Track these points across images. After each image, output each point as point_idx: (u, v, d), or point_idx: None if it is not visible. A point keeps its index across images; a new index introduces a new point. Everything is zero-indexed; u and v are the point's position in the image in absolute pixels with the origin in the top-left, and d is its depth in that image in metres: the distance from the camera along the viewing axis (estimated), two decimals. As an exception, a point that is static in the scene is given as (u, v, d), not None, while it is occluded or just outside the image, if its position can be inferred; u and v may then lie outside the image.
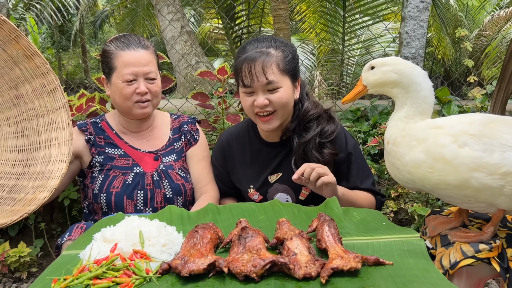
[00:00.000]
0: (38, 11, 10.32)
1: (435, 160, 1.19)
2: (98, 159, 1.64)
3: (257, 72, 1.44)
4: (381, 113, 3.23)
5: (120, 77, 1.56)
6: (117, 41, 1.60)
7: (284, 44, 1.53)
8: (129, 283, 0.98)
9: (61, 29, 11.93)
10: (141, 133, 1.73)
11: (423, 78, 1.30)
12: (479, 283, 1.30)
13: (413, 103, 1.29)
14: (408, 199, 2.69)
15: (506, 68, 2.05)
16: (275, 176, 1.64)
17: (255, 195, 1.67)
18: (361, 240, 1.19)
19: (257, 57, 1.45)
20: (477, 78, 3.23)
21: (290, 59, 1.51)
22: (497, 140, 1.14)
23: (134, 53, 1.57)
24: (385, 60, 1.34)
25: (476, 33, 7.62)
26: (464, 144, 1.16)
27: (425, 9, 2.88)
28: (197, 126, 1.83)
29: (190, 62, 5.55)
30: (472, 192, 1.17)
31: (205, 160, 1.80)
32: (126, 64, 1.56)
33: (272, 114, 1.50)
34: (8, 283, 2.46)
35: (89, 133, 1.67)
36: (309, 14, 7.37)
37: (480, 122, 1.20)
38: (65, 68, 12.29)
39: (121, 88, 1.57)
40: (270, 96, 1.47)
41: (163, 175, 1.67)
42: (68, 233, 1.55)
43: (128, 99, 1.59)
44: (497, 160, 1.12)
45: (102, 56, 1.64)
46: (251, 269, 0.97)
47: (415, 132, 1.27)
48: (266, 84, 1.45)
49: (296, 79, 1.55)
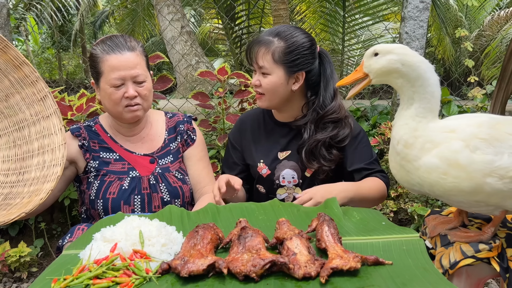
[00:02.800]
0: (38, 11, 10.32)
1: (450, 166, 1.14)
2: (93, 164, 1.61)
3: (253, 56, 1.61)
4: (381, 113, 3.23)
5: (108, 82, 1.51)
6: (103, 44, 1.54)
7: (294, 36, 1.59)
8: (129, 283, 0.99)
9: (61, 29, 11.92)
10: (135, 136, 1.69)
11: (431, 73, 1.21)
12: (479, 283, 1.30)
13: (421, 99, 1.21)
14: (408, 199, 2.69)
15: (506, 68, 2.05)
16: (284, 153, 1.71)
17: (263, 169, 1.72)
18: (360, 240, 1.19)
19: (259, 42, 1.60)
20: (477, 78, 3.24)
21: (291, 52, 1.57)
22: (506, 142, 1.12)
23: (120, 57, 1.51)
24: (391, 48, 1.22)
25: (476, 33, 7.61)
26: (475, 148, 1.12)
27: (425, 9, 2.88)
28: (193, 125, 1.79)
29: (190, 62, 5.55)
30: (483, 197, 1.15)
31: (203, 160, 1.77)
32: (113, 68, 1.50)
33: (261, 94, 1.63)
34: (8, 283, 2.46)
35: (82, 138, 1.63)
36: (309, 14, 7.37)
37: (488, 124, 1.16)
38: (65, 68, 12.28)
39: (109, 93, 1.52)
40: (262, 79, 1.60)
41: (159, 178, 1.64)
42: (69, 234, 1.54)
43: (118, 104, 1.54)
44: (507, 163, 1.10)
45: (89, 60, 1.59)
46: (251, 269, 0.97)
47: (429, 133, 1.20)
48: (260, 68, 1.59)
49: (294, 72, 1.59)
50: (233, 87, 4.04)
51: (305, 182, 1.69)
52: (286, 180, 1.70)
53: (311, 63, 1.62)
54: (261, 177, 1.72)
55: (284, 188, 1.72)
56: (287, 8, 5.21)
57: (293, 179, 1.70)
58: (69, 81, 6.54)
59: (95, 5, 11.53)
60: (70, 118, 2.30)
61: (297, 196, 1.53)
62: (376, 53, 1.24)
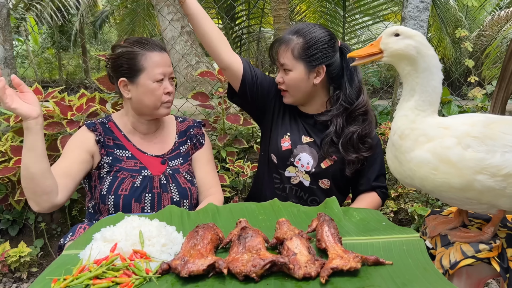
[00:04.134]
0: (38, 11, 10.33)
1: (441, 162, 1.17)
2: (106, 160, 1.63)
3: (275, 54, 1.67)
4: (381, 113, 3.23)
5: (152, 77, 1.57)
6: (139, 43, 1.59)
7: (311, 33, 1.63)
8: (129, 283, 0.98)
9: (61, 29, 11.94)
10: (149, 135, 1.72)
11: (437, 70, 1.24)
12: (479, 283, 1.30)
13: (422, 91, 1.23)
14: (408, 199, 2.69)
15: (506, 68, 2.05)
16: (308, 138, 1.73)
17: (286, 142, 1.73)
18: (360, 240, 1.19)
19: (280, 41, 1.66)
20: (478, 78, 3.24)
21: (310, 47, 1.61)
22: (499, 141, 1.13)
23: (161, 54, 1.59)
24: (413, 33, 1.23)
25: (476, 33, 7.62)
26: (467, 146, 1.14)
27: (425, 9, 2.88)
28: (202, 130, 1.84)
29: (190, 62, 5.55)
30: (474, 195, 1.16)
31: (210, 163, 1.81)
32: (157, 64, 1.57)
33: (285, 91, 1.68)
34: (8, 283, 2.46)
35: (98, 133, 1.65)
36: (309, 14, 7.37)
37: (482, 123, 1.18)
38: (65, 68, 12.28)
39: (152, 88, 1.58)
40: (284, 76, 1.66)
41: (170, 178, 1.67)
42: (71, 233, 1.55)
43: (159, 99, 1.60)
44: (499, 161, 1.11)
45: (123, 58, 1.59)
46: (251, 269, 0.97)
47: (425, 127, 1.22)
48: (281, 65, 1.65)
49: (314, 66, 1.63)
50: (233, 87, 4.03)
51: (318, 172, 1.70)
52: (300, 162, 1.70)
53: (331, 56, 1.64)
54: (279, 149, 1.72)
55: (296, 168, 1.72)
56: (287, 8, 5.21)
57: (308, 165, 1.70)
58: (69, 81, 6.54)
59: (95, 5, 11.54)
60: (70, 118, 2.29)
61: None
62: (397, 34, 1.25)
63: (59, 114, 2.32)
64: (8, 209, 2.61)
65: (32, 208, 1.47)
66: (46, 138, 2.41)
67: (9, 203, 2.52)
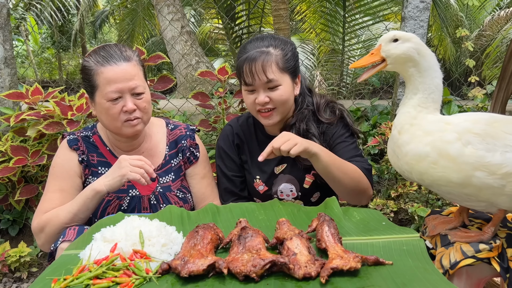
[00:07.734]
0: (38, 11, 10.33)
1: (440, 156, 1.17)
2: (91, 180, 1.52)
3: (258, 71, 1.48)
4: (381, 113, 3.23)
5: (104, 96, 1.41)
6: (96, 55, 1.43)
7: (283, 42, 1.56)
8: (129, 283, 0.99)
9: (61, 29, 11.93)
10: (135, 151, 1.59)
11: (438, 68, 1.26)
12: (479, 283, 1.30)
13: (425, 89, 1.25)
14: (408, 199, 2.69)
15: (506, 68, 2.05)
16: (280, 167, 1.66)
17: (260, 185, 1.68)
18: (360, 240, 1.19)
19: (257, 57, 1.49)
20: (478, 78, 3.24)
21: (289, 57, 1.54)
22: (500, 140, 1.14)
23: (116, 68, 1.40)
24: (410, 36, 1.25)
25: (477, 33, 7.61)
26: (467, 142, 1.15)
27: (425, 9, 2.88)
28: (196, 140, 1.68)
29: (190, 62, 5.55)
30: (473, 191, 1.17)
31: (207, 176, 1.70)
32: (109, 81, 1.39)
33: (272, 110, 1.54)
34: (8, 283, 2.46)
35: (81, 151, 1.53)
36: (309, 14, 7.37)
37: (485, 121, 1.19)
38: (65, 68, 12.28)
39: (106, 108, 1.41)
40: (270, 94, 1.51)
41: (160, 198, 1.57)
42: (61, 236, 1.42)
43: (116, 119, 1.43)
44: (499, 160, 1.12)
45: (82, 73, 1.47)
46: (251, 269, 0.97)
47: (425, 122, 1.23)
48: (267, 83, 1.50)
49: (296, 76, 1.58)
50: (233, 87, 4.04)
51: (305, 194, 1.65)
52: (284, 194, 1.66)
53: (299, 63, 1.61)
54: (258, 192, 1.68)
55: (283, 201, 1.67)
56: (287, 8, 5.21)
57: (292, 192, 1.65)
58: (69, 81, 6.54)
59: (95, 5, 11.53)
60: (70, 118, 2.29)
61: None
62: (395, 39, 1.25)
63: (59, 114, 2.32)
64: (8, 209, 2.61)
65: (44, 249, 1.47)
66: (46, 138, 2.42)
67: (9, 203, 2.52)
